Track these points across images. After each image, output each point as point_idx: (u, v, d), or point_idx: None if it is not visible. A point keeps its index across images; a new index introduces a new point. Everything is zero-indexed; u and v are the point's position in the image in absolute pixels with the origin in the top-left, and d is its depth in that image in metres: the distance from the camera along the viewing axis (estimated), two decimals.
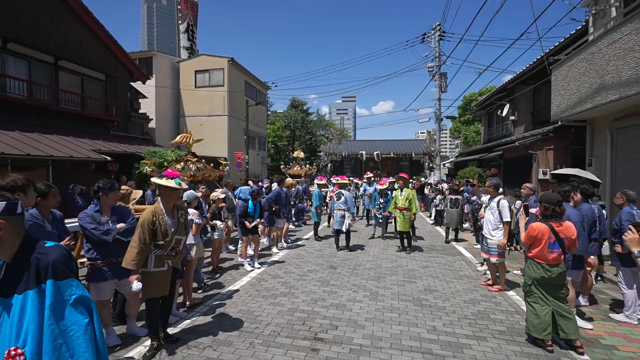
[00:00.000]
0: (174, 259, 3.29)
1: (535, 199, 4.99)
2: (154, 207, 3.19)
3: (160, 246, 3.14)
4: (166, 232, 3.15)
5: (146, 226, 3.01)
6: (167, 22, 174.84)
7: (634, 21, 5.29)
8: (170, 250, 3.22)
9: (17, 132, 8.78)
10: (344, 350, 3.21)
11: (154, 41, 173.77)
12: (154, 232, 3.09)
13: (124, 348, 3.24)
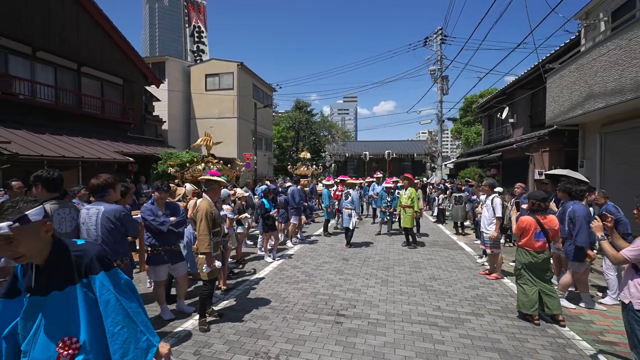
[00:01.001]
0: (222, 244, 3.93)
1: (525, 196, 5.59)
2: (207, 201, 3.79)
3: (216, 233, 3.75)
4: (219, 220, 3.78)
5: (208, 216, 3.60)
6: (169, 23, 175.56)
7: (618, 37, 5.88)
8: (222, 237, 3.86)
9: (47, 135, 9.43)
10: (363, 322, 3.82)
11: (156, 41, 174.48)
12: (214, 221, 3.68)
13: (178, 321, 3.86)
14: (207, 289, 3.72)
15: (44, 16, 10.32)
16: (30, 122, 9.63)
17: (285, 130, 30.55)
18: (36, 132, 9.21)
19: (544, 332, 3.64)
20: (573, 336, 3.56)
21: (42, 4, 10.28)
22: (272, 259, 6.60)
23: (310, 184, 12.68)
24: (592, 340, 3.50)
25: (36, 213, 1.26)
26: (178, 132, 18.87)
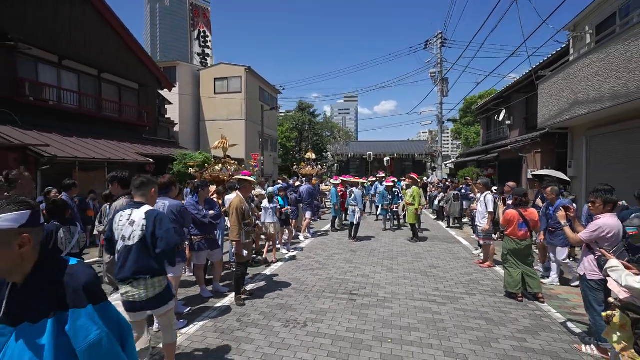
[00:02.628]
0: (253, 233, 4.63)
1: None
2: (238, 197, 4.50)
3: (247, 224, 4.45)
4: (249, 213, 4.48)
5: (238, 210, 4.31)
6: (170, 23, 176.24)
7: (598, 51, 6.57)
8: (253, 227, 4.55)
9: (75, 138, 10.16)
10: (373, 300, 4.53)
11: (157, 42, 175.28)
12: (243, 214, 4.39)
13: (216, 299, 4.57)
14: (240, 271, 4.43)
15: (69, 26, 11.05)
16: (59, 126, 10.35)
17: (289, 131, 31.27)
18: (65, 136, 9.93)
19: (525, 307, 4.34)
20: (549, 309, 4.26)
21: (67, 15, 11.01)
22: (287, 250, 7.30)
23: (316, 183, 13.39)
24: (566, 312, 4.19)
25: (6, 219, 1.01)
26: (188, 133, 19.62)
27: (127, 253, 2.47)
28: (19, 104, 9.40)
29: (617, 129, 7.03)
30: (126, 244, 2.48)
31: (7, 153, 7.47)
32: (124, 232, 2.50)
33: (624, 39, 5.78)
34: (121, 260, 2.49)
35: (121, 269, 2.48)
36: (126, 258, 2.47)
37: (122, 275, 2.48)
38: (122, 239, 2.50)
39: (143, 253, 2.47)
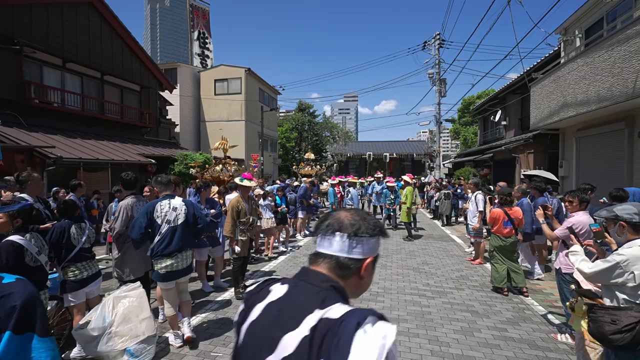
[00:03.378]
0: (250, 232, 4.86)
1: None
2: (237, 197, 4.75)
3: (243, 222, 4.69)
4: (245, 213, 4.71)
5: (234, 209, 4.56)
6: (170, 23, 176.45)
7: (585, 56, 6.81)
8: (249, 226, 4.78)
9: (79, 139, 10.41)
10: (366, 294, 4.76)
11: (157, 42, 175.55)
12: (239, 213, 4.63)
13: (217, 293, 4.81)
14: (236, 265, 4.68)
15: (73, 30, 11.30)
16: (63, 127, 10.60)
17: (288, 131, 31.52)
18: (69, 137, 10.18)
19: (510, 300, 4.58)
20: (532, 303, 4.50)
21: (71, 19, 11.25)
22: (285, 248, 7.55)
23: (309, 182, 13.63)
24: (547, 305, 4.44)
25: None
26: (189, 134, 19.87)
27: (172, 232, 3.19)
28: (25, 106, 9.65)
29: (605, 131, 7.28)
30: (171, 226, 3.20)
31: (14, 154, 7.72)
32: (168, 217, 3.21)
33: (608, 44, 6.02)
34: (167, 239, 3.18)
35: (168, 245, 3.17)
36: (172, 236, 3.19)
37: (169, 250, 3.16)
38: (167, 222, 3.20)
39: (186, 231, 3.27)
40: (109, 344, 2.89)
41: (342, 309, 0.74)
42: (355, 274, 0.87)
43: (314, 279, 0.84)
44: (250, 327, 0.84)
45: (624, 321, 1.69)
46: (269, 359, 0.75)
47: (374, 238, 0.91)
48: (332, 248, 0.87)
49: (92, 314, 3.01)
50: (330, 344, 0.68)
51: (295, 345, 0.72)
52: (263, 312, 0.83)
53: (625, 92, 5.65)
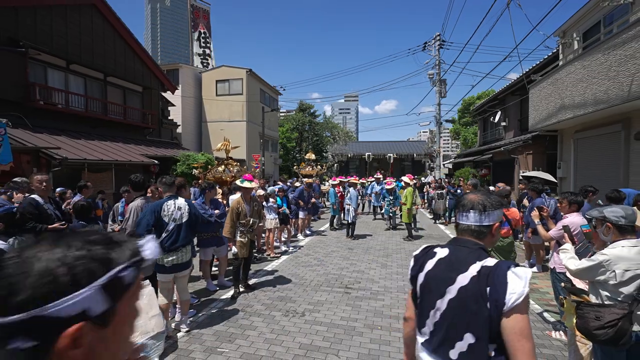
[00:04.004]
0: (251, 234, 4.97)
1: None
2: (238, 198, 4.86)
3: (243, 224, 4.81)
4: (245, 215, 4.82)
5: (234, 210, 4.67)
6: (171, 23, 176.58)
7: (582, 59, 6.92)
8: (249, 227, 4.89)
9: (83, 140, 10.54)
10: (367, 293, 4.89)
11: (158, 42, 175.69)
12: (238, 215, 4.74)
13: (221, 291, 4.94)
14: (235, 266, 4.79)
15: (77, 32, 11.43)
16: (67, 128, 10.73)
17: (289, 132, 31.65)
18: (73, 138, 10.31)
19: None
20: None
21: (75, 21, 11.38)
22: (287, 248, 7.67)
23: (314, 184, 13.74)
24: (543, 304, 4.56)
25: None
26: (191, 134, 20.00)
27: (178, 229, 3.50)
28: (30, 107, 9.78)
29: (602, 133, 7.39)
30: (177, 224, 3.50)
31: (20, 155, 7.84)
32: (174, 215, 3.50)
33: (604, 48, 6.13)
34: (174, 235, 3.47)
35: (175, 242, 3.46)
36: (178, 233, 3.50)
37: (175, 245, 3.45)
38: (173, 220, 3.49)
39: (189, 228, 3.59)
40: None
41: (494, 260, 1.20)
42: (488, 234, 1.29)
43: (466, 244, 1.29)
44: (428, 274, 1.31)
45: (607, 317, 1.81)
46: (449, 288, 1.21)
47: (498, 209, 1.30)
48: (469, 221, 1.30)
49: None
50: (493, 278, 1.13)
51: (467, 280, 1.18)
52: (435, 265, 1.30)
53: (621, 95, 5.76)
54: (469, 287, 1.16)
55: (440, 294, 1.23)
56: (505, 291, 1.10)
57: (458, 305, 1.18)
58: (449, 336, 1.20)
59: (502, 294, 1.10)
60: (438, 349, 1.23)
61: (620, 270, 1.90)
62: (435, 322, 1.25)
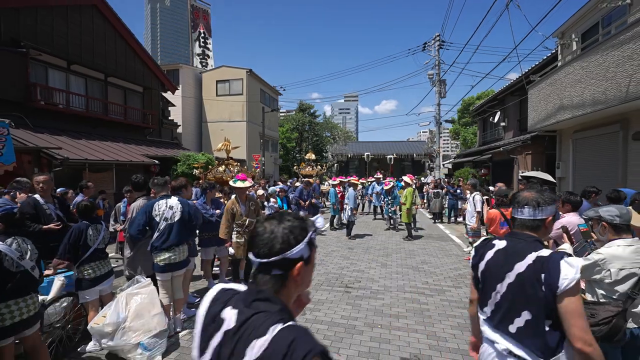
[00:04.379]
0: (247, 234, 4.98)
1: None
2: (232, 199, 4.86)
3: (239, 225, 4.79)
4: (241, 215, 4.80)
5: (229, 211, 4.67)
6: (170, 23, 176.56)
7: (580, 59, 6.96)
8: (245, 228, 4.89)
9: (84, 140, 10.57)
10: (367, 292, 4.93)
11: (157, 42, 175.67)
12: (233, 215, 4.74)
13: None
14: (233, 267, 4.81)
15: (77, 32, 11.46)
16: (68, 128, 10.77)
17: (289, 132, 31.69)
18: (74, 138, 10.34)
19: None
20: None
21: (76, 21, 11.41)
22: None
23: (314, 184, 13.78)
24: None
25: None
26: (191, 135, 20.04)
27: (170, 228, 3.50)
28: (30, 107, 9.81)
29: (600, 133, 7.43)
30: (168, 223, 3.51)
31: (21, 155, 7.87)
32: (165, 215, 3.52)
33: (602, 49, 6.18)
34: (165, 234, 3.48)
35: (166, 240, 3.47)
36: (170, 232, 3.49)
37: (167, 244, 3.47)
38: (164, 219, 3.50)
39: (182, 227, 3.57)
40: (124, 338, 3.05)
41: (548, 251, 1.37)
42: (542, 227, 1.47)
43: (523, 236, 1.47)
44: (488, 262, 1.52)
45: (601, 315, 1.85)
46: (508, 274, 1.41)
47: (551, 205, 1.46)
48: (523, 215, 1.48)
49: (107, 310, 3.17)
50: (547, 265, 1.31)
51: (524, 267, 1.37)
52: (495, 254, 1.51)
53: (619, 96, 5.80)
54: (525, 273, 1.36)
55: (500, 278, 1.44)
56: (559, 277, 1.28)
57: (516, 288, 1.39)
58: (509, 314, 1.41)
59: (555, 279, 1.28)
60: (499, 325, 1.45)
61: (615, 269, 1.94)
62: (496, 302, 1.46)
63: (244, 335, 0.79)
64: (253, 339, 0.77)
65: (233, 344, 0.79)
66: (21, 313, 2.40)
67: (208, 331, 0.86)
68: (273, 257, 0.85)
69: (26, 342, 2.57)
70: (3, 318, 2.31)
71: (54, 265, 3.21)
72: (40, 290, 2.90)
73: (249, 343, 0.76)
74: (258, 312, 0.81)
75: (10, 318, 2.34)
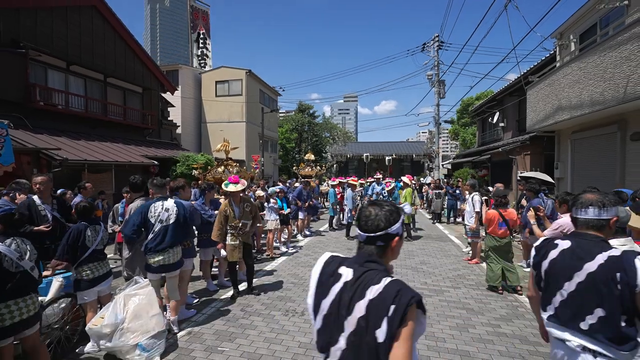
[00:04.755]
0: (242, 236, 4.87)
1: None
2: (225, 202, 4.82)
3: (232, 227, 4.73)
4: (234, 217, 4.73)
5: (221, 214, 4.62)
6: (170, 24, 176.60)
7: (579, 60, 6.98)
8: (239, 230, 4.80)
9: (83, 141, 10.57)
10: None
11: (157, 42, 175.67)
12: (226, 217, 4.70)
13: (222, 291, 4.98)
14: (229, 269, 4.73)
15: (77, 33, 11.46)
16: (67, 129, 10.77)
17: (288, 132, 31.71)
18: (73, 139, 10.34)
19: (504, 298, 4.75)
20: (526, 300, 4.65)
21: (75, 22, 11.42)
22: (287, 248, 7.71)
23: (314, 187, 13.78)
24: None
25: None
26: (190, 135, 20.04)
27: (165, 231, 3.50)
28: (30, 108, 9.81)
29: (598, 133, 7.45)
30: (163, 225, 3.50)
31: (20, 156, 7.86)
32: (161, 217, 3.51)
33: (600, 50, 6.20)
34: (160, 236, 3.48)
35: (161, 242, 3.47)
36: (165, 234, 3.49)
37: (161, 246, 3.46)
38: (159, 221, 3.49)
39: (176, 230, 3.56)
40: (122, 339, 3.05)
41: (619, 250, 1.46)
42: (606, 227, 1.55)
43: (589, 237, 1.55)
44: (552, 261, 1.60)
45: None
46: (577, 273, 1.49)
47: (616, 205, 1.56)
48: (588, 216, 1.56)
49: (105, 311, 3.17)
50: (622, 265, 1.38)
51: (596, 266, 1.45)
52: (559, 254, 1.59)
53: (616, 97, 5.82)
54: (597, 272, 1.43)
55: (567, 277, 1.53)
56: (636, 275, 1.36)
57: (587, 287, 1.46)
58: (580, 312, 1.48)
59: (632, 278, 1.37)
60: (568, 322, 1.53)
61: None
62: (562, 300, 1.55)
63: (362, 284, 1.12)
64: (370, 285, 1.10)
65: (354, 289, 1.12)
66: (21, 313, 2.40)
67: (327, 283, 1.21)
68: (379, 232, 1.18)
69: (26, 343, 2.57)
70: (3, 318, 2.31)
71: (52, 266, 3.21)
72: (39, 291, 2.90)
73: (367, 288, 1.10)
74: (370, 270, 1.15)
75: (10, 318, 2.34)
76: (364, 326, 1.05)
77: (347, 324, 1.09)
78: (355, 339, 1.06)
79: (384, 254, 1.20)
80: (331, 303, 1.15)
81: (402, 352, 0.99)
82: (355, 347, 1.06)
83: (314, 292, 1.22)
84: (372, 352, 1.02)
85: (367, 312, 1.05)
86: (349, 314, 1.09)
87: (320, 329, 1.17)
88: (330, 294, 1.17)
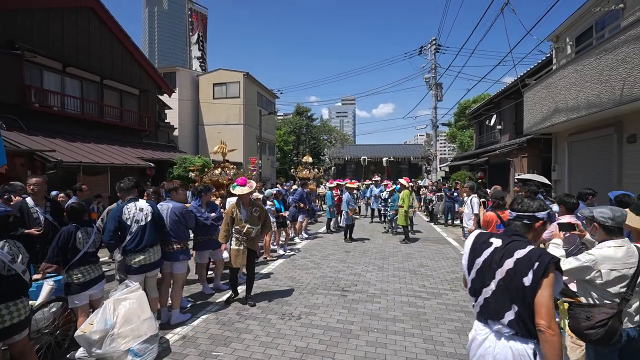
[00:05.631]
0: (247, 242, 4.79)
1: None
2: (233, 203, 4.79)
3: (237, 230, 4.67)
4: (240, 220, 4.68)
5: (229, 215, 4.59)
6: (168, 26, 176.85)
7: (575, 63, 7.01)
8: (244, 235, 4.73)
9: (79, 143, 10.48)
10: (363, 295, 4.88)
11: (155, 45, 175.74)
12: (233, 220, 4.64)
13: (217, 294, 4.91)
14: (230, 273, 4.67)
15: (74, 34, 11.41)
16: (63, 131, 10.68)
17: (286, 135, 31.69)
18: (69, 141, 10.25)
19: None
20: None
21: (72, 23, 11.37)
22: (284, 251, 7.65)
23: (314, 192, 13.72)
24: None
25: None
26: (187, 137, 19.96)
27: (143, 230, 3.51)
28: (25, 110, 9.72)
29: (595, 136, 7.47)
30: (140, 225, 3.51)
31: (14, 158, 7.78)
32: (136, 217, 3.51)
33: (596, 53, 6.22)
34: (138, 236, 3.49)
35: (140, 242, 3.48)
36: (143, 234, 3.51)
37: (141, 246, 3.47)
38: (136, 222, 3.50)
39: (153, 229, 3.59)
40: (113, 345, 2.97)
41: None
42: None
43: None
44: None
45: (597, 317, 1.83)
46: None
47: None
48: None
49: (94, 317, 3.08)
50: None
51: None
52: None
53: (613, 99, 5.84)
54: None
55: None
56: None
57: None
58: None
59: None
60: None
61: (605, 270, 1.93)
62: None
63: (510, 248, 1.52)
64: (517, 249, 1.50)
65: (503, 251, 1.53)
66: (12, 317, 2.34)
67: (480, 248, 1.63)
68: (527, 213, 1.60)
69: (15, 348, 2.50)
70: None
71: (42, 269, 3.14)
72: (29, 294, 2.84)
73: (515, 251, 1.49)
74: (515, 240, 1.53)
75: (0, 322, 2.28)
76: (512, 275, 1.44)
77: (498, 273, 1.50)
78: (505, 283, 1.47)
79: (528, 231, 1.59)
80: (484, 260, 1.57)
81: (546, 294, 1.36)
82: (503, 289, 1.47)
83: (467, 255, 1.67)
84: (520, 291, 1.41)
85: (515, 265, 1.45)
86: (499, 267, 1.50)
87: (474, 279, 1.61)
88: (483, 255, 1.59)
